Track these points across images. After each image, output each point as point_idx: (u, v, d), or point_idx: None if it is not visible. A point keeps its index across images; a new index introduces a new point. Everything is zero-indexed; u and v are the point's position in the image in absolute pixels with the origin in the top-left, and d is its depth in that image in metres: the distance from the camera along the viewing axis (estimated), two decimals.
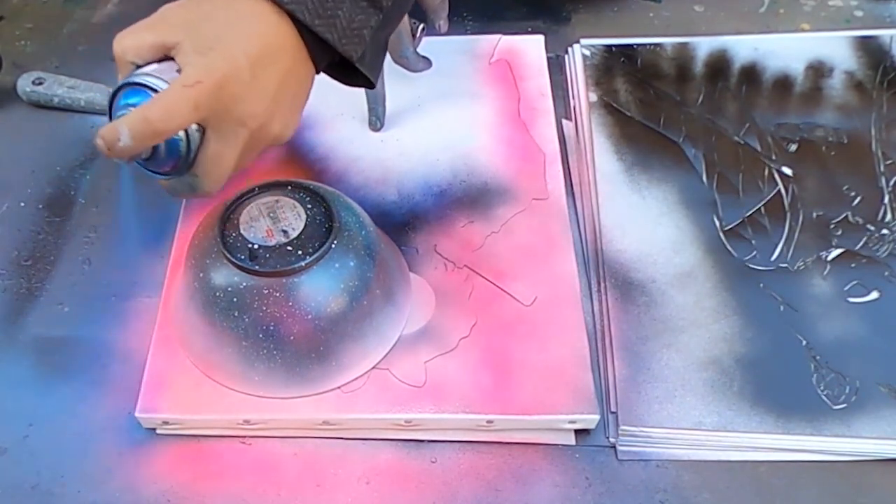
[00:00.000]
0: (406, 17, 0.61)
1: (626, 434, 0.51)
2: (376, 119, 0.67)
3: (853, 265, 0.59)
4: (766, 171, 0.64)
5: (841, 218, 0.61)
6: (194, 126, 0.45)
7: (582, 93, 0.71)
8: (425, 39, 0.65)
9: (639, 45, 0.74)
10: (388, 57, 0.63)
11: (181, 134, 0.44)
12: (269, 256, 0.49)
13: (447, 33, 0.67)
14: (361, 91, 0.65)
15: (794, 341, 0.54)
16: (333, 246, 0.50)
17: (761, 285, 0.57)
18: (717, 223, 0.61)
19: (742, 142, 0.67)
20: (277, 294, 0.49)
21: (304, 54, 0.48)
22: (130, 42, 0.45)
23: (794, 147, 0.66)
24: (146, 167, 0.47)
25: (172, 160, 0.46)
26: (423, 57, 0.65)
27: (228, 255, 0.49)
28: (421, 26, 0.63)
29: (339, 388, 0.52)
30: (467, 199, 0.63)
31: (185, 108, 0.43)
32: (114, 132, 0.42)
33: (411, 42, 0.63)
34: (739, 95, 0.70)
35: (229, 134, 0.46)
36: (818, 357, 0.54)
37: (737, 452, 0.51)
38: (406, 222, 0.61)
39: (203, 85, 0.43)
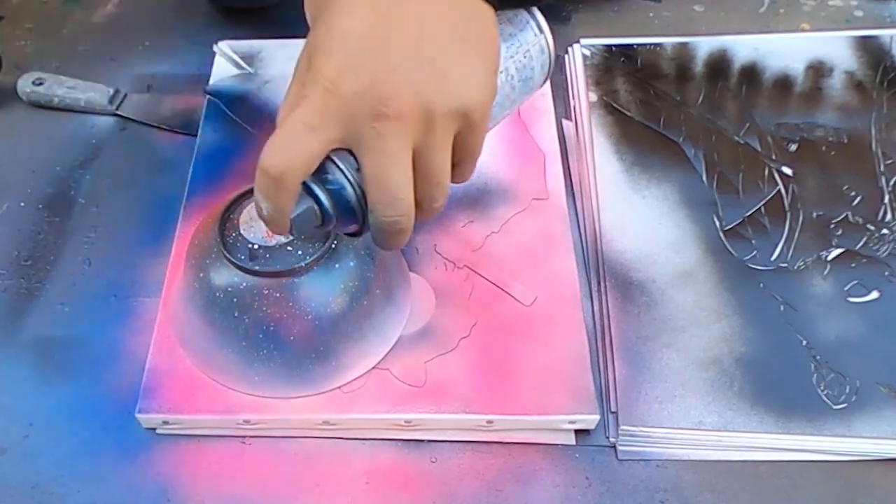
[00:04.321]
0: None
1: (626, 434, 0.51)
2: None
3: (853, 265, 0.59)
4: (766, 171, 0.64)
5: (841, 218, 0.61)
6: (342, 164, 0.38)
7: (582, 93, 0.71)
8: None
9: (639, 45, 0.74)
10: None
11: (336, 176, 0.38)
12: (269, 256, 0.49)
13: None
14: None
15: (794, 341, 0.54)
16: (333, 246, 0.50)
17: (761, 285, 0.57)
18: (717, 223, 0.61)
19: (742, 142, 0.67)
20: (277, 294, 0.49)
21: None
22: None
23: (794, 147, 0.66)
24: (347, 234, 0.43)
25: (346, 213, 0.40)
26: None
27: (228, 256, 0.49)
28: None
29: (339, 388, 0.52)
30: (467, 199, 0.63)
31: (298, 133, 0.35)
32: (258, 207, 0.37)
33: None
34: (739, 95, 0.70)
35: (370, 135, 0.34)
36: (818, 357, 0.54)
37: (737, 452, 0.51)
38: None
39: (308, 98, 0.34)
